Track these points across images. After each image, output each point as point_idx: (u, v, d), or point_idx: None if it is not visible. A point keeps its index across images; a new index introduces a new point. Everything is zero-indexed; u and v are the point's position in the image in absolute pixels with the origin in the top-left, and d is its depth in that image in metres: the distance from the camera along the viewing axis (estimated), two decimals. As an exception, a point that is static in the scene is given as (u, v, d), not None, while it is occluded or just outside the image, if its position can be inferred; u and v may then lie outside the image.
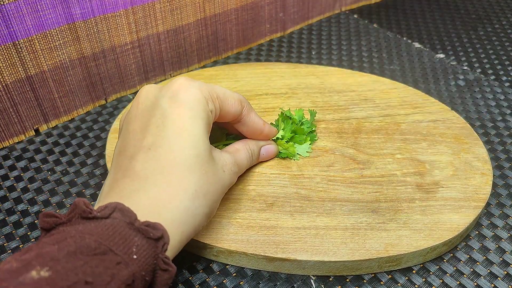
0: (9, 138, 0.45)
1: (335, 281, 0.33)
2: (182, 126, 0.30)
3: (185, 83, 0.31)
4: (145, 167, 0.28)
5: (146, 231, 0.25)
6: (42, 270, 0.21)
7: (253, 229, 0.34)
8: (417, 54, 0.60)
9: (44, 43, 0.42)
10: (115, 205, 0.26)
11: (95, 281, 0.22)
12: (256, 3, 0.57)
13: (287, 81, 0.50)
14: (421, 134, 0.43)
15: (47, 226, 0.25)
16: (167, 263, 0.26)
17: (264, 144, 0.39)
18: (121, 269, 0.23)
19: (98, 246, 0.23)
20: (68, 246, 0.23)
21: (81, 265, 0.22)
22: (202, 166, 0.30)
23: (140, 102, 0.32)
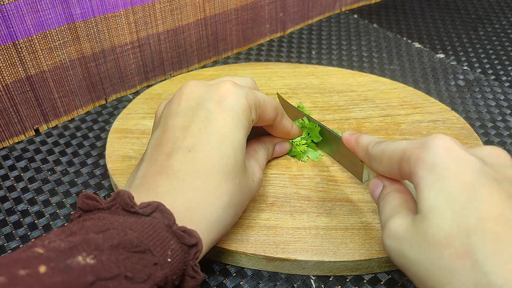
0: (9, 138, 0.45)
1: (335, 281, 0.33)
2: (225, 133, 0.30)
3: (233, 89, 0.31)
4: (183, 168, 0.28)
5: (182, 237, 0.25)
6: (88, 257, 0.22)
7: (253, 229, 0.34)
8: (417, 54, 0.60)
9: (44, 43, 0.42)
10: (157, 204, 0.26)
11: (134, 277, 0.23)
12: (256, 3, 0.57)
13: (287, 81, 0.50)
14: (421, 134, 0.43)
15: (86, 208, 0.26)
16: (196, 271, 0.26)
17: (278, 141, 0.39)
18: (157, 270, 0.24)
19: (139, 244, 0.24)
20: (112, 239, 0.23)
21: (123, 259, 0.23)
22: (237, 176, 0.30)
23: (183, 99, 0.31)
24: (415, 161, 0.25)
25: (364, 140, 0.31)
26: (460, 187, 0.23)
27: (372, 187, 0.30)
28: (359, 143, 0.32)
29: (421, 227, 0.23)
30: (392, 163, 0.27)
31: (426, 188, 0.24)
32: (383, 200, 0.28)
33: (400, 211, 0.26)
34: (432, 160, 0.24)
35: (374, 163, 0.30)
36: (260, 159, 0.36)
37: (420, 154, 0.25)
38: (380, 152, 0.29)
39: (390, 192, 0.28)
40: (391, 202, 0.28)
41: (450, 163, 0.23)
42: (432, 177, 0.24)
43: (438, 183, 0.23)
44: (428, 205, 0.23)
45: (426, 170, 0.24)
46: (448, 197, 0.23)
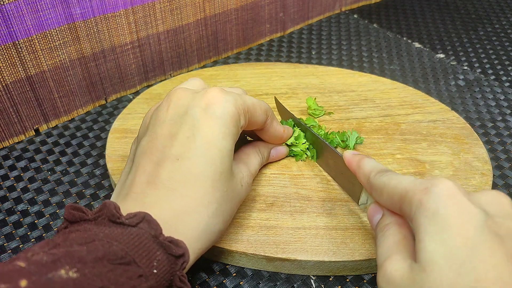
0: (9, 138, 0.45)
1: (335, 281, 0.33)
2: (212, 141, 0.29)
3: (220, 96, 0.31)
4: (171, 177, 0.28)
5: (169, 247, 0.25)
6: (71, 271, 0.21)
7: (253, 229, 0.34)
8: (417, 54, 0.60)
9: (44, 43, 0.42)
10: (143, 215, 0.26)
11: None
12: (256, 3, 0.57)
13: (287, 81, 0.50)
14: (421, 134, 0.43)
15: (72, 219, 0.26)
16: (183, 282, 0.26)
17: (273, 146, 0.39)
18: (141, 282, 0.24)
19: (124, 256, 0.24)
20: (96, 251, 0.23)
21: (106, 272, 0.22)
22: (224, 184, 0.30)
23: (171, 107, 0.31)
24: (416, 205, 0.24)
25: (367, 166, 0.30)
26: (461, 241, 0.22)
27: (371, 212, 0.30)
28: (360, 168, 0.31)
29: (418, 279, 0.22)
30: (393, 199, 0.27)
31: (426, 238, 0.23)
32: (381, 232, 0.28)
33: (398, 251, 0.25)
34: (434, 208, 0.23)
35: (375, 193, 0.29)
36: (252, 163, 0.35)
37: (422, 199, 0.24)
38: (381, 184, 0.28)
39: (389, 224, 0.28)
40: (390, 237, 0.27)
41: (452, 213, 0.23)
42: (433, 227, 0.23)
43: (439, 234, 0.22)
44: (427, 257, 0.22)
45: (427, 218, 0.23)
46: (448, 251, 0.22)
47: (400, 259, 0.25)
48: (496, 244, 0.21)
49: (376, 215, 0.29)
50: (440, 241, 0.22)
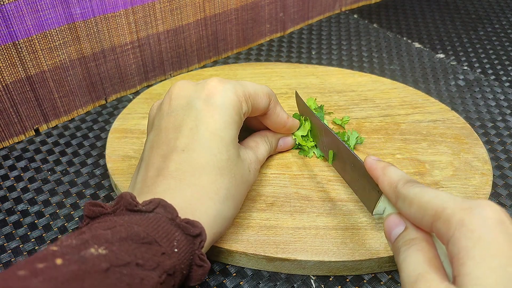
0: (9, 138, 0.45)
1: (335, 281, 0.33)
2: (215, 130, 0.30)
3: (220, 86, 0.32)
4: (179, 168, 0.29)
5: (186, 228, 0.26)
6: (100, 248, 0.23)
7: (253, 229, 0.34)
8: (417, 54, 0.60)
9: (44, 43, 0.42)
10: (158, 201, 0.27)
11: (145, 265, 0.24)
12: (256, 3, 0.57)
13: (287, 81, 0.50)
14: (421, 134, 0.43)
15: (92, 215, 0.27)
16: (203, 260, 0.27)
17: (282, 136, 0.40)
18: (165, 259, 0.25)
19: (146, 236, 0.25)
20: (120, 233, 0.24)
21: (132, 249, 0.24)
22: (232, 170, 0.31)
23: (173, 99, 0.32)
24: (457, 225, 0.22)
25: (394, 174, 0.28)
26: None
27: (390, 223, 0.27)
28: (386, 175, 0.28)
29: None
30: (423, 214, 0.24)
31: (471, 263, 0.21)
32: (406, 246, 0.25)
33: (431, 271, 0.23)
34: (481, 232, 0.21)
35: (401, 204, 0.27)
36: (260, 151, 0.36)
37: (465, 219, 0.22)
38: (412, 195, 0.26)
39: (416, 239, 0.25)
40: (419, 253, 0.24)
41: (503, 241, 0.21)
42: (479, 251, 0.21)
43: (487, 260, 0.21)
44: (474, 284, 0.20)
45: (472, 240, 0.21)
46: (498, 280, 0.20)
47: (437, 279, 0.23)
48: None
49: (397, 228, 0.27)
50: (487, 268, 0.21)
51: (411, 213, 0.26)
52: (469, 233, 0.21)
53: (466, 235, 0.21)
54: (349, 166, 0.35)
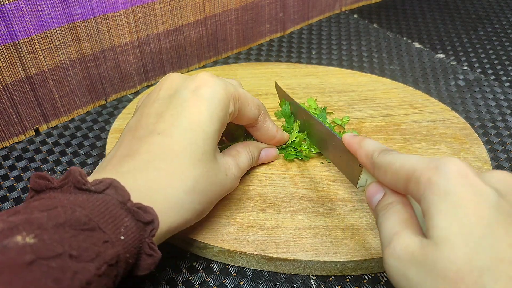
0: (9, 138, 0.45)
1: (335, 281, 0.33)
2: (198, 121, 0.30)
3: (210, 79, 0.31)
4: (150, 150, 0.28)
5: (137, 213, 0.25)
6: (28, 237, 0.21)
7: (253, 229, 0.34)
8: (417, 54, 0.60)
9: (44, 43, 0.42)
10: (110, 181, 0.25)
11: (80, 256, 0.22)
12: (256, 3, 0.57)
13: (287, 81, 0.50)
14: (421, 134, 0.43)
15: (37, 188, 0.25)
16: (153, 249, 0.25)
17: (264, 147, 0.39)
18: (107, 248, 0.23)
19: (88, 222, 0.23)
20: (57, 217, 0.22)
21: (68, 238, 0.22)
22: (205, 165, 0.30)
23: (162, 88, 0.32)
24: (426, 184, 0.23)
25: (369, 145, 0.29)
26: (475, 221, 0.22)
27: (370, 192, 0.29)
28: (362, 148, 0.30)
29: (431, 255, 0.22)
30: (398, 178, 0.26)
31: (438, 216, 0.22)
32: (384, 210, 0.27)
33: (405, 228, 0.25)
34: (445, 187, 0.23)
35: (378, 173, 0.28)
36: (241, 160, 0.35)
37: (432, 177, 0.23)
38: (386, 163, 0.27)
39: (393, 203, 0.27)
40: (395, 215, 0.26)
41: (466, 192, 0.22)
42: (445, 204, 0.22)
43: (451, 212, 0.22)
44: (440, 234, 0.22)
45: (438, 196, 0.23)
46: (462, 229, 0.22)
47: (410, 235, 0.24)
48: (510, 224, 0.22)
49: (377, 195, 0.28)
50: (454, 218, 0.22)
51: (387, 179, 0.27)
52: (436, 189, 0.23)
53: (434, 191, 0.23)
54: (331, 145, 0.36)
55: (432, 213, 0.23)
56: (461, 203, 0.22)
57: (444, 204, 0.22)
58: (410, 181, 0.25)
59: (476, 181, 0.23)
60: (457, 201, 0.22)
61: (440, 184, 0.23)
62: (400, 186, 0.26)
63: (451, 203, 0.22)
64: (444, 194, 0.23)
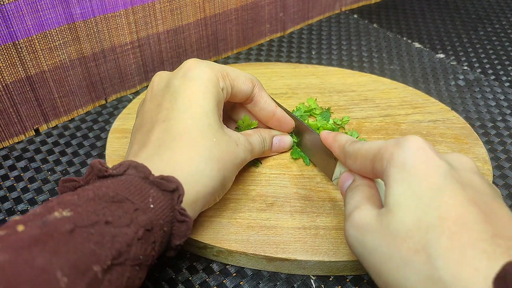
0: (9, 138, 0.45)
1: (335, 281, 0.33)
2: (193, 99, 0.31)
3: (195, 63, 0.33)
4: (159, 137, 0.30)
5: (161, 184, 0.26)
6: (64, 211, 0.23)
7: (253, 229, 0.34)
8: (417, 54, 0.60)
9: (44, 43, 0.42)
10: (129, 163, 0.27)
11: (115, 222, 0.23)
12: (256, 3, 0.57)
13: (287, 81, 0.50)
14: (421, 134, 0.43)
15: (67, 191, 0.27)
16: (184, 214, 0.27)
17: (277, 134, 0.39)
18: (139, 214, 0.24)
19: (115, 195, 0.25)
20: (87, 195, 0.24)
21: (100, 208, 0.23)
22: (214, 135, 0.31)
23: (154, 86, 0.34)
24: (387, 159, 0.26)
25: (342, 138, 0.32)
26: (426, 185, 0.24)
27: (342, 180, 0.31)
28: (336, 141, 0.32)
29: (385, 220, 0.24)
30: (366, 161, 0.28)
31: (394, 184, 0.25)
32: (351, 191, 0.29)
33: (366, 203, 0.27)
34: (403, 159, 0.25)
35: (349, 161, 0.30)
36: (252, 139, 0.36)
37: (393, 153, 0.25)
38: (356, 150, 0.29)
39: (359, 185, 0.29)
40: (358, 193, 0.28)
41: (420, 163, 0.24)
42: (402, 174, 0.24)
43: (406, 180, 0.24)
44: (394, 200, 0.24)
45: (396, 168, 0.25)
46: (414, 194, 0.24)
47: (369, 208, 0.26)
48: (458, 190, 0.23)
49: (347, 182, 0.31)
50: (407, 186, 0.24)
51: (356, 165, 0.29)
52: (395, 162, 0.25)
53: (393, 164, 0.25)
54: (309, 142, 0.38)
55: (389, 183, 0.25)
56: (416, 172, 0.24)
57: (400, 174, 0.25)
58: (375, 160, 0.27)
59: (432, 154, 0.25)
60: (412, 170, 0.24)
61: (399, 157, 0.25)
62: (368, 168, 0.28)
63: (407, 172, 0.24)
64: (401, 165, 0.25)
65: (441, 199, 0.23)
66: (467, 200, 0.23)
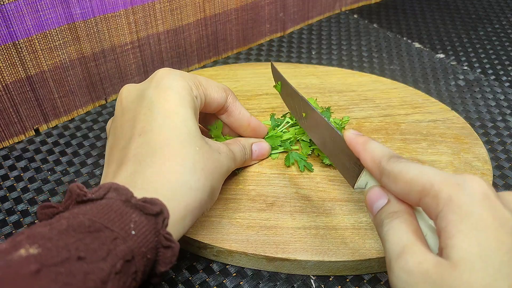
0: (9, 138, 0.45)
1: (335, 281, 0.33)
2: (170, 109, 0.30)
3: (166, 72, 0.32)
4: (138, 152, 0.28)
5: (144, 207, 0.24)
6: (31, 248, 0.21)
7: (253, 229, 0.34)
8: (417, 54, 0.60)
9: (44, 43, 0.42)
10: (109, 185, 0.25)
11: (89, 257, 0.21)
12: (256, 3, 0.57)
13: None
14: (421, 134, 0.43)
15: (46, 218, 0.25)
16: (169, 239, 0.25)
17: (254, 141, 0.39)
18: (118, 244, 0.23)
19: (92, 224, 0.23)
20: (60, 226, 0.22)
21: (73, 242, 0.21)
22: (196, 143, 0.29)
23: (123, 99, 0.32)
24: (445, 201, 0.23)
25: (377, 150, 0.28)
26: (496, 245, 0.21)
27: (372, 196, 0.27)
28: (368, 151, 0.28)
29: (447, 276, 0.22)
30: (410, 189, 0.25)
31: (458, 236, 0.22)
32: (390, 218, 0.26)
33: (417, 243, 0.24)
34: (467, 207, 0.22)
35: (386, 180, 0.26)
36: (233, 147, 0.35)
37: (453, 195, 0.23)
38: (397, 171, 0.26)
39: (399, 212, 0.26)
40: (403, 225, 0.25)
41: (487, 215, 0.22)
42: (466, 225, 0.22)
43: (473, 234, 0.22)
44: (460, 255, 0.21)
45: (459, 216, 0.22)
46: (483, 252, 0.21)
47: (423, 251, 0.23)
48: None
49: (380, 200, 0.27)
50: (474, 241, 0.21)
51: (396, 189, 0.26)
52: (457, 208, 0.22)
53: (454, 210, 0.22)
54: (328, 139, 0.34)
55: (451, 232, 0.22)
56: (483, 226, 0.22)
57: (465, 225, 0.22)
58: (426, 195, 0.24)
59: (498, 205, 0.22)
60: (479, 224, 0.22)
61: (462, 204, 0.22)
62: (413, 198, 0.25)
63: (472, 225, 0.22)
64: (465, 214, 0.22)
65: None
66: None
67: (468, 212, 0.22)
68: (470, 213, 0.22)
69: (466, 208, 0.22)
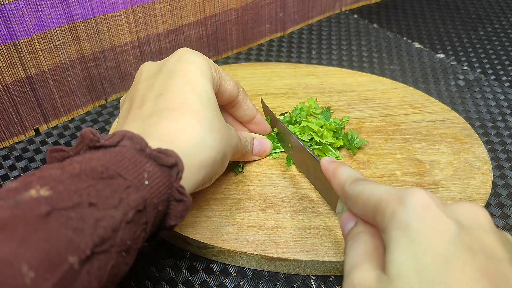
0: (9, 138, 0.45)
1: (335, 281, 0.33)
2: (191, 77, 0.29)
3: (187, 50, 0.32)
4: (156, 108, 0.27)
5: (159, 158, 0.24)
6: (42, 189, 0.20)
7: (253, 229, 0.34)
8: (417, 54, 0.60)
9: (44, 43, 0.42)
10: (123, 133, 0.24)
11: (100, 203, 0.21)
12: (256, 3, 0.57)
13: (287, 81, 0.50)
14: (421, 134, 0.43)
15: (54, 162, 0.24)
16: (182, 193, 0.24)
17: (256, 137, 0.39)
18: (130, 193, 0.22)
19: (105, 170, 0.22)
20: (72, 170, 0.21)
21: (85, 187, 0.21)
22: (214, 109, 0.29)
23: (143, 73, 0.31)
24: (389, 216, 0.23)
25: (343, 174, 0.28)
26: (432, 257, 0.21)
27: (343, 220, 0.28)
28: (336, 177, 0.29)
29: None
30: (366, 209, 0.25)
31: (396, 251, 0.22)
32: (352, 239, 0.26)
33: (367, 261, 0.24)
34: (406, 220, 0.22)
35: (349, 203, 0.27)
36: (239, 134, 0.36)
37: (395, 210, 0.23)
38: (356, 193, 0.26)
39: (362, 233, 0.26)
40: (360, 246, 0.25)
41: (425, 227, 0.22)
42: (404, 239, 0.22)
43: (410, 248, 0.21)
44: (396, 270, 0.21)
45: (399, 230, 0.22)
46: (418, 266, 0.21)
47: (369, 268, 0.23)
48: (468, 260, 0.20)
49: (349, 224, 0.28)
50: (411, 254, 0.21)
51: (358, 210, 0.26)
52: (398, 223, 0.22)
53: (396, 225, 0.22)
54: (311, 167, 0.36)
55: (391, 247, 0.22)
56: (419, 239, 0.21)
57: (403, 238, 0.22)
58: (377, 212, 0.24)
59: (438, 214, 0.22)
60: (416, 236, 0.21)
61: (401, 217, 0.22)
62: (369, 217, 0.25)
63: (409, 238, 0.22)
64: (404, 227, 0.22)
65: (448, 274, 0.20)
66: (477, 273, 0.20)
67: (407, 226, 0.22)
68: (409, 226, 0.22)
69: (406, 222, 0.22)
